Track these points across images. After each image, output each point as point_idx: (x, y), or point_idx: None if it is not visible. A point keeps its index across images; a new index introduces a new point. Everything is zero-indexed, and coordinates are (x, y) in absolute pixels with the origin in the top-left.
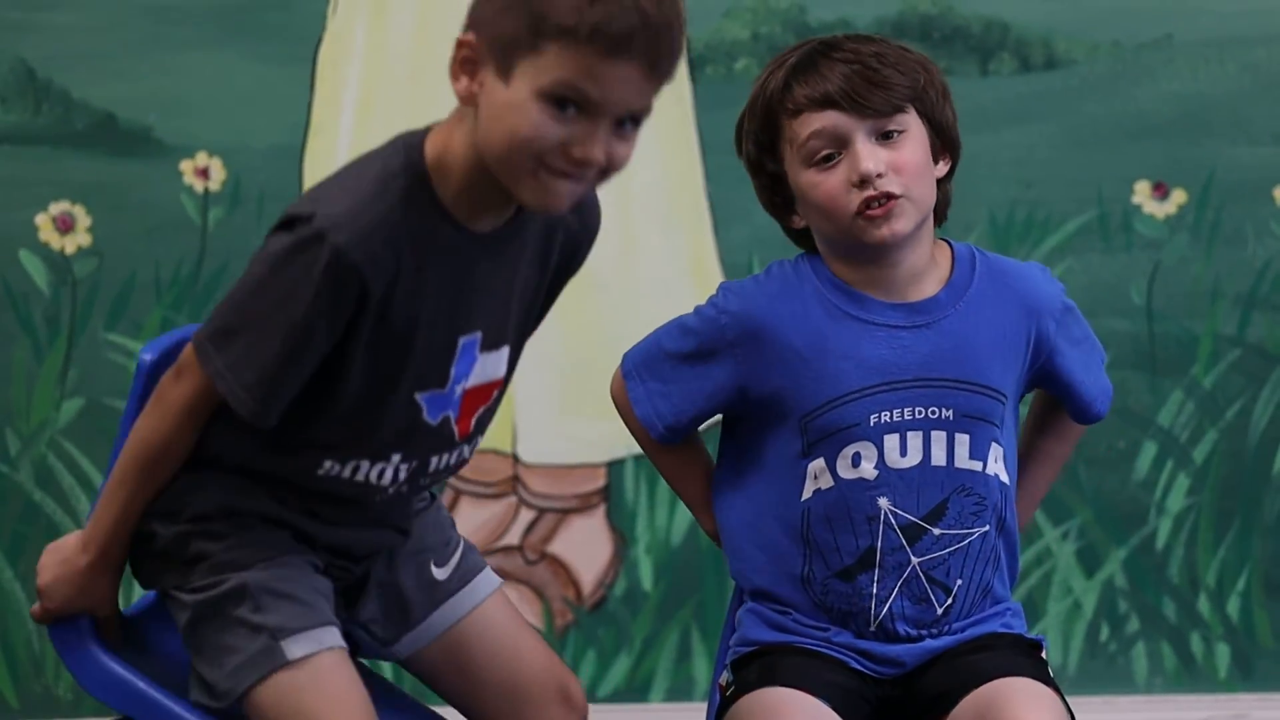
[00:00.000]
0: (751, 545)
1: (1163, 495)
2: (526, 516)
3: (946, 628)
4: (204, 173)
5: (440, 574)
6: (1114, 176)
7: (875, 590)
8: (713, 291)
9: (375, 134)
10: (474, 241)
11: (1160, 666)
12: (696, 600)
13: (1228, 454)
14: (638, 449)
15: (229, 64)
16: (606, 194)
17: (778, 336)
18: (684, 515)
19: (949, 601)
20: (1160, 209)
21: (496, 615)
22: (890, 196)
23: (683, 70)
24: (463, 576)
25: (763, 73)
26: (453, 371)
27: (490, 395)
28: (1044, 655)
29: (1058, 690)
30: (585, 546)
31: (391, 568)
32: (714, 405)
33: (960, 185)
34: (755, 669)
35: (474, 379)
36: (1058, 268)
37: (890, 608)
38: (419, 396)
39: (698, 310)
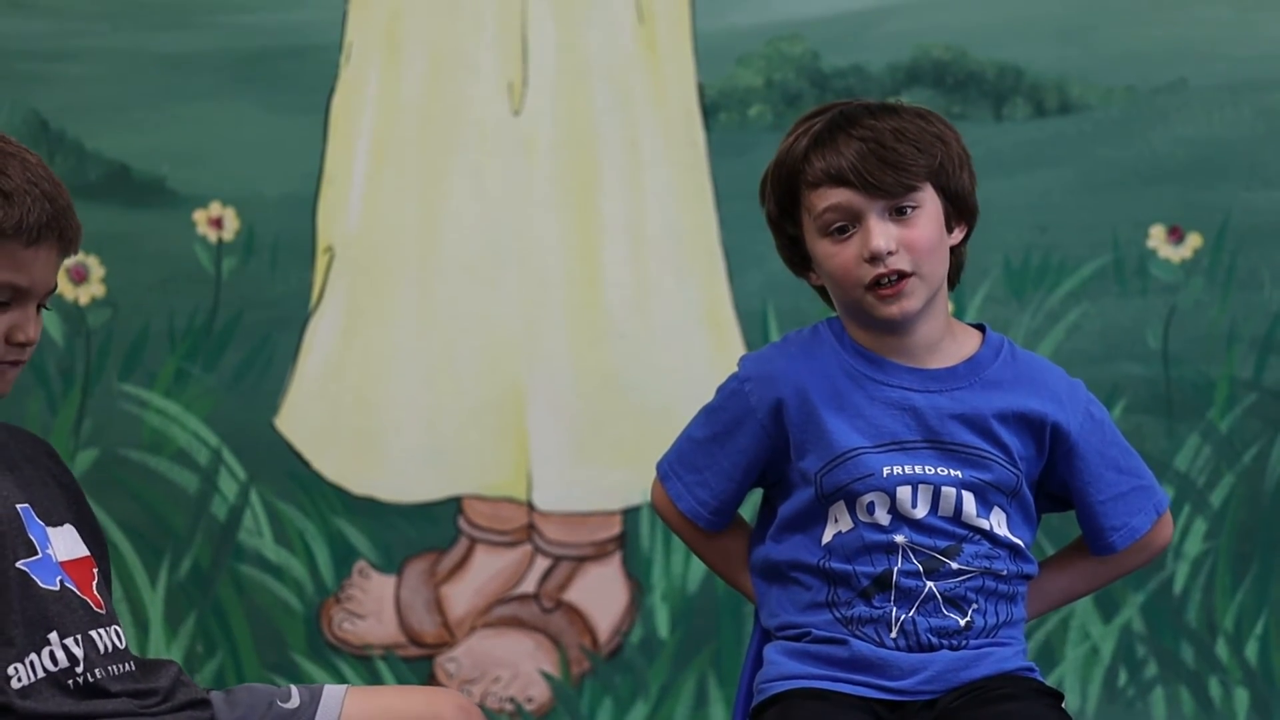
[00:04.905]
0: (778, 589)
1: (1180, 539)
2: (542, 564)
3: (966, 642)
4: (217, 222)
5: (291, 704)
6: (1129, 220)
7: (892, 607)
8: (725, 339)
9: (388, 182)
10: None
11: (1179, 711)
12: (713, 647)
13: (1245, 498)
14: (651, 496)
15: (242, 114)
16: (619, 241)
17: (797, 393)
18: (701, 563)
19: (967, 619)
20: (1175, 253)
21: (364, 703)
22: (901, 275)
23: (696, 116)
24: (312, 695)
25: (788, 134)
26: (33, 538)
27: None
28: (1064, 706)
29: None
30: (601, 594)
31: None
32: (750, 478)
33: (975, 229)
34: None
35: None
36: (1073, 312)
37: (913, 617)
38: (20, 564)
39: (718, 390)
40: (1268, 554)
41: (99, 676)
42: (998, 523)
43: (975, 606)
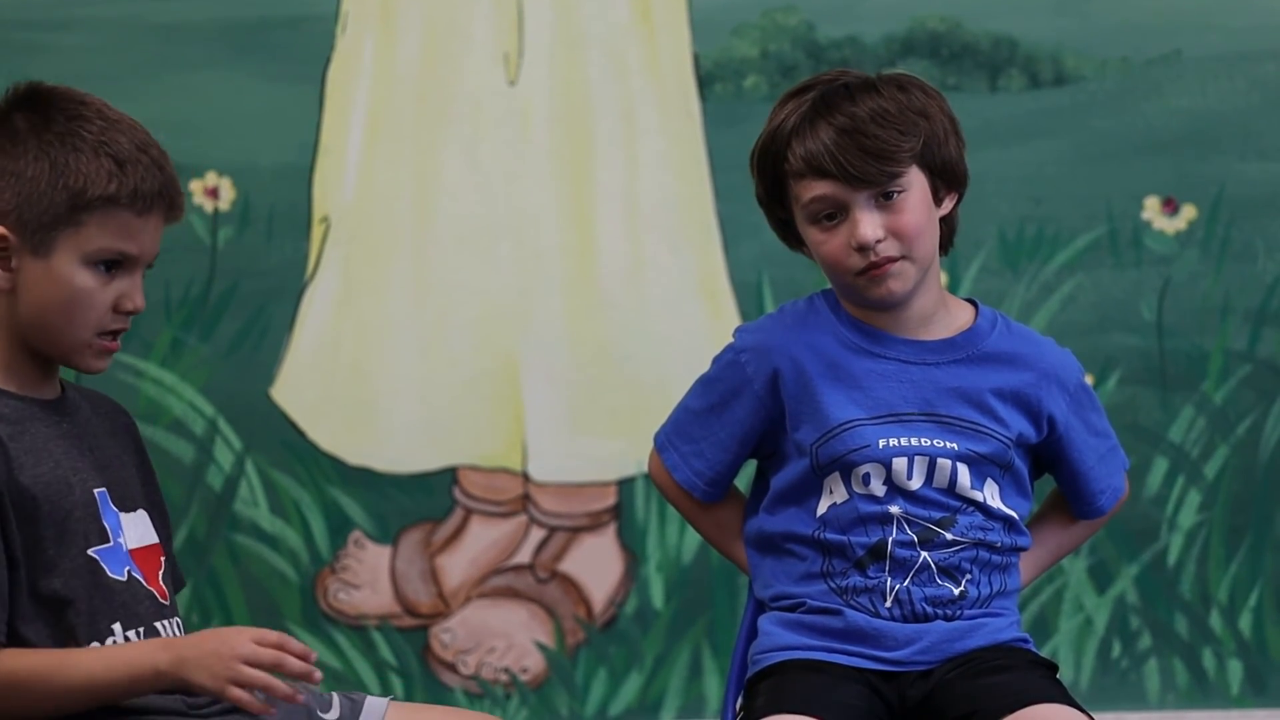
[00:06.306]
0: (772, 560)
1: (1174, 511)
2: (537, 535)
3: (960, 612)
4: (213, 192)
5: (331, 714)
6: (1123, 192)
7: (887, 577)
8: (720, 309)
9: (384, 152)
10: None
11: (1173, 683)
12: (708, 618)
13: (1239, 470)
14: (648, 467)
15: (238, 84)
16: (614, 212)
17: (794, 363)
18: (695, 534)
19: (961, 588)
20: (1170, 225)
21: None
22: (890, 260)
23: (691, 87)
24: (353, 707)
25: (773, 113)
26: (106, 525)
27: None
28: (1058, 677)
29: (1089, 716)
30: (596, 565)
31: None
32: (746, 449)
33: (969, 203)
34: (763, 694)
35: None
36: (1067, 284)
37: (908, 587)
38: (91, 552)
39: (714, 360)
40: (1261, 526)
41: None
42: (991, 495)
43: (969, 577)
